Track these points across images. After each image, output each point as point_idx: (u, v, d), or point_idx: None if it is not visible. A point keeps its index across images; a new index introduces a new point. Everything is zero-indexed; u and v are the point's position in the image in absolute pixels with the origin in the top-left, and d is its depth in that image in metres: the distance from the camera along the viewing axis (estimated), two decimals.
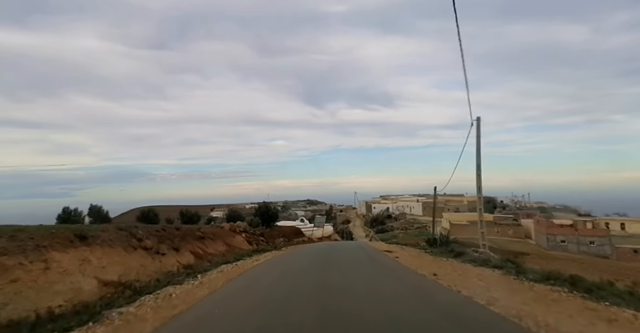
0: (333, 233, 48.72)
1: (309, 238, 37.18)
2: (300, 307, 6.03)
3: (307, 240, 34.91)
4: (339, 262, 13.65)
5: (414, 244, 26.68)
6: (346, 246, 24.70)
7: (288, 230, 33.02)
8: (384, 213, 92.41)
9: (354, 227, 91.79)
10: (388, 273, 10.83)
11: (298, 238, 32.96)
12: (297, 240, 31.75)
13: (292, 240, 29.78)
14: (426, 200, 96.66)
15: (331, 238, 44.87)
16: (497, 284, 7.92)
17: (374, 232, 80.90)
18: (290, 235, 31.33)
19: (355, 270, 11.31)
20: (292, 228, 35.35)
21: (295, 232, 34.78)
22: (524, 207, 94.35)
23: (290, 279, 9.51)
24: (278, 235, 27.95)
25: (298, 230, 36.21)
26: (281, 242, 24.40)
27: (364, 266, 12.58)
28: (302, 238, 34.98)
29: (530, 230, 53.90)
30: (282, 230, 30.81)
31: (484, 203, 73.15)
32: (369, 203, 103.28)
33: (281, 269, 11.68)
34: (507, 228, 55.85)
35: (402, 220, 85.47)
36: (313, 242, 30.86)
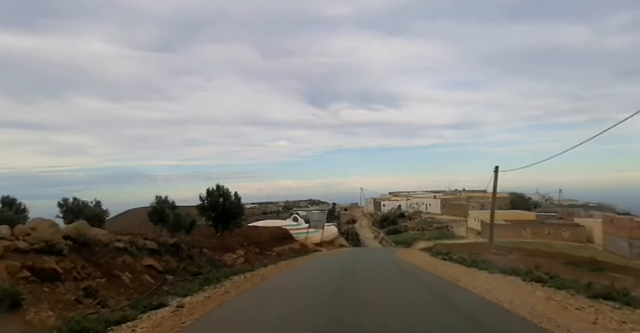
0: (337, 236, 36.88)
1: (302, 246, 25.44)
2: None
3: (299, 249, 23.24)
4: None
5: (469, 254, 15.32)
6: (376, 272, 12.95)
7: (266, 235, 21.22)
8: (395, 212, 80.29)
9: (361, 228, 79.98)
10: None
11: (282, 247, 21.24)
12: (280, 251, 20.07)
13: (267, 251, 18.06)
14: (444, 197, 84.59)
15: (335, 244, 32.90)
16: None
17: (384, 233, 68.90)
18: (266, 244, 19.55)
19: None
20: (274, 231, 23.54)
21: (279, 236, 22.99)
22: (556, 204, 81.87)
23: None
24: (242, 244, 16.19)
25: (284, 234, 24.44)
26: (236, 260, 12.71)
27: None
28: (290, 245, 23.22)
29: (591, 231, 41.96)
30: (252, 235, 19.02)
31: (515, 199, 60.28)
32: (377, 201, 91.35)
33: None
34: (561, 229, 43.79)
35: (418, 219, 73.31)
36: (306, 254, 19.06)
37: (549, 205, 78.51)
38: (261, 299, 6.21)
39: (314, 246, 27.47)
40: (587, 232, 42.49)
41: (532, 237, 43.89)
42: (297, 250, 22.35)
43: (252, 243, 17.84)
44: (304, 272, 10.69)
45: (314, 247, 27.22)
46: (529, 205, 71.01)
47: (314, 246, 27.47)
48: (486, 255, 18.04)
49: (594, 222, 43.03)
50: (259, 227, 24.26)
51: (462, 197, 77.04)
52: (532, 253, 18.93)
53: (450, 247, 22.76)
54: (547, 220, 48.87)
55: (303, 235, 29.69)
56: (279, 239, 22.78)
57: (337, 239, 35.33)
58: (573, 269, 13.92)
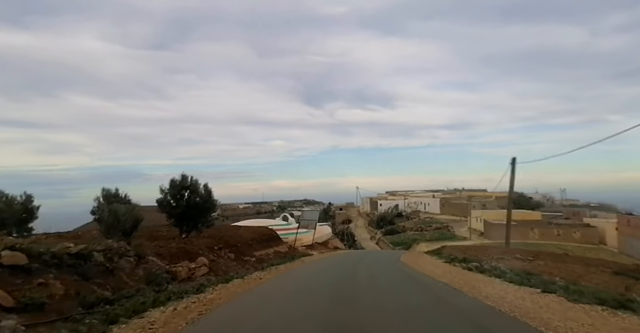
0: (331, 237, 33.76)
1: (291, 249, 22.32)
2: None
3: (286, 253, 20.15)
4: None
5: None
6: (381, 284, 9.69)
7: (247, 236, 18.07)
8: (392, 212, 77.28)
9: (357, 228, 77.05)
10: None
11: (265, 251, 18.14)
12: (263, 255, 16.97)
13: (246, 256, 14.95)
14: (443, 196, 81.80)
15: (329, 246, 29.77)
16: None
17: (381, 233, 66.02)
18: (246, 247, 16.40)
19: None
20: (258, 231, 20.40)
21: (263, 238, 19.85)
22: (560, 204, 79.32)
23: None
24: (211, 248, 13.04)
25: (270, 235, 21.28)
26: (195, 271, 9.51)
27: None
28: (276, 248, 20.12)
29: (604, 232, 39.20)
30: (228, 237, 15.85)
31: (517, 198, 57.29)
32: (374, 200, 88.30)
33: None
34: (571, 230, 40.97)
35: (416, 219, 70.42)
36: (292, 260, 15.92)
37: (551, 205, 75.89)
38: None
39: (305, 249, 24.35)
40: (600, 233, 39.76)
41: (541, 238, 41.11)
42: (283, 254, 19.22)
43: (227, 246, 14.65)
44: (280, 290, 7.57)
45: (305, 249, 24.09)
46: (533, 204, 68.24)
47: (305, 249, 24.35)
48: (510, 261, 15.01)
49: (606, 223, 40.29)
50: (240, 227, 21.08)
51: (462, 196, 74.20)
52: (561, 259, 15.97)
53: (461, 250, 19.78)
54: (553, 221, 46.13)
55: (290, 235, 26.59)
56: (263, 241, 19.61)
57: (331, 240, 32.21)
58: (634, 282, 10.91)
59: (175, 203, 13.53)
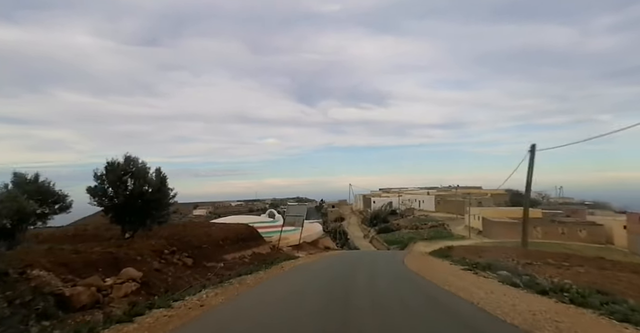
0: (322, 235, 30.70)
1: (274, 250, 19.26)
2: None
3: (267, 255, 17.12)
4: None
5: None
6: None
7: (218, 235, 14.90)
8: (386, 209, 74.59)
9: (349, 226, 74.16)
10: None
11: (241, 253, 15.05)
12: (236, 259, 13.94)
13: (212, 260, 11.84)
14: (438, 193, 79.34)
15: (319, 246, 26.73)
16: None
17: (374, 231, 63.31)
18: (214, 249, 13.23)
19: None
20: (234, 230, 17.23)
21: (240, 237, 16.70)
22: (556, 203, 77.42)
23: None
24: (159, 252, 9.82)
25: (249, 234, 18.17)
26: (111, 291, 6.13)
27: None
28: (255, 249, 17.07)
29: (610, 231, 36.86)
30: (191, 237, 12.67)
31: (513, 196, 55.20)
32: (367, 197, 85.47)
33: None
34: (576, 228, 38.53)
35: (411, 217, 67.79)
36: (271, 266, 12.80)
37: (548, 203, 73.87)
38: None
39: (291, 249, 21.25)
40: (607, 232, 37.39)
41: (544, 237, 38.66)
42: (263, 257, 16.11)
43: (186, 249, 11.47)
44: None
45: (291, 250, 21.00)
46: (535, 201, 66.04)
47: (291, 249, 21.25)
48: (542, 267, 12.09)
49: (613, 221, 37.96)
50: (213, 225, 17.88)
51: (457, 193, 71.75)
52: (599, 264, 13.14)
53: (472, 251, 16.90)
54: (556, 218, 43.79)
55: (274, 234, 23.52)
56: (239, 241, 16.46)
57: (322, 239, 29.15)
58: None
59: (114, 192, 10.29)
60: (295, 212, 20.32)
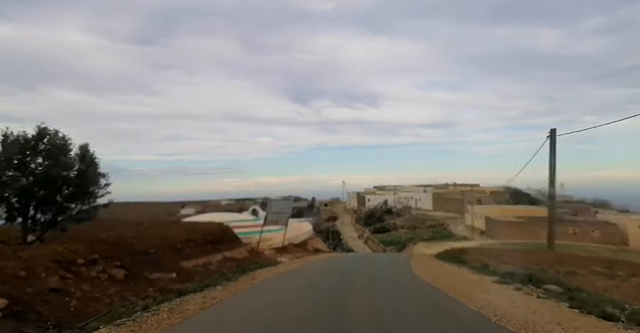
0: (312, 236, 27.57)
1: (253, 252, 16.13)
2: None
3: (242, 260, 14.02)
4: None
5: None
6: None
7: (177, 237, 11.64)
8: (381, 208, 71.73)
9: (343, 226, 71.11)
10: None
11: (206, 259, 11.85)
12: (199, 267, 10.75)
13: (161, 270, 8.52)
14: (435, 191, 76.61)
15: (308, 248, 23.61)
16: None
17: (369, 231, 60.33)
18: (169, 254, 9.95)
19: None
20: (201, 230, 13.97)
21: (209, 238, 13.45)
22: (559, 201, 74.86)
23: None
24: (68, 263, 6.51)
25: (221, 234, 14.96)
26: None
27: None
28: (228, 253, 13.93)
29: (625, 230, 34.31)
30: (133, 238, 9.45)
31: (514, 194, 52.21)
32: (361, 195, 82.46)
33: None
34: (589, 228, 35.84)
35: (407, 216, 65.03)
36: (242, 276, 9.47)
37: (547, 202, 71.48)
38: None
39: (274, 252, 18.12)
40: (621, 232, 34.80)
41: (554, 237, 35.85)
42: (237, 263, 13.00)
43: (122, 256, 8.34)
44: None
45: (274, 253, 17.86)
46: (533, 200, 63.55)
47: (274, 252, 18.12)
48: (589, 277, 9.13)
49: (627, 219, 35.39)
50: (178, 224, 14.67)
51: (454, 191, 69.12)
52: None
53: (492, 255, 13.91)
54: (565, 217, 41.19)
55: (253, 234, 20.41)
56: (207, 243, 13.30)
57: (312, 240, 26.02)
58: None
59: (11, 177, 7.07)
60: (278, 208, 17.16)
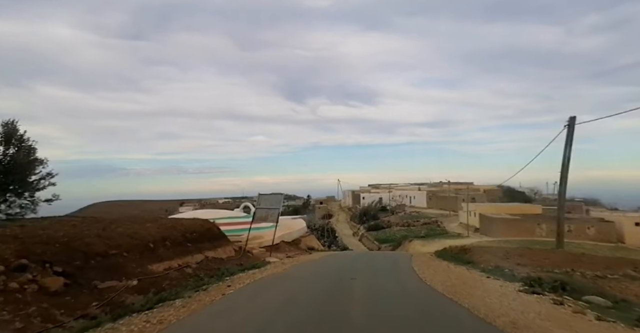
0: (306, 233, 26.59)
1: (241, 250, 15.11)
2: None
3: (226, 260, 13.05)
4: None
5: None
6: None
7: (149, 234, 10.52)
8: (376, 205, 71.08)
9: (338, 223, 70.40)
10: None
11: (184, 259, 10.78)
12: (170, 270, 9.66)
13: (116, 276, 7.34)
14: (429, 189, 76.04)
15: (301, 246, 22.64)
16: None
17: (364, 229, 59.71)
18: (136, 255, 8.83)
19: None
20: (181, 227, 12.89)
21: (185, 238, 12.37)
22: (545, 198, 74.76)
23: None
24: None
25: (205, 232, 13.92)
26: None
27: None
28: (211, 253, 12.93)
29: (621, 228, 33.83)
30: (83, 238, 8.27)
31: (507, 191, 51.70)
32: (356, 193, 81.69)
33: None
34: (584, 225, 35.28)
35: (402, 214, 64.47)
36: (201, 290, 8.31)
37: (543, 200, 71.23)
38: None
39: (264, 251, 17.09)
40: (617, 229, 34.31)
41: (549, 235, 35.31)
42: (220, 264, 11.98)
43: (68, 259, 7.25)
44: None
45: (263, 252, 16.84)
46: (527, 198, 63.21)
47: (264, 251, 17.09)
48: (624, 282, 8.22)
49: (623, 217, 34.91)
50: (156, 220, 13.55)
51: (449, 189, 68.55)
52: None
53: (499, 255, 13.05)
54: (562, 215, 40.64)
55: (256, 231, 19.39)
56: (187, 242, 12.24)
57: (306, 238, 25.03)
58: None
59: None
60: (268, 203, 16.08)
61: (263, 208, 16.01)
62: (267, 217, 15.88)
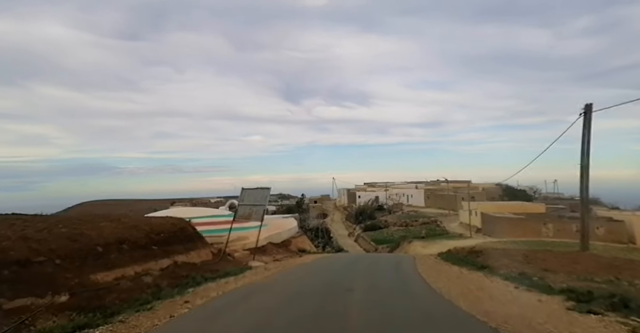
0: (297, 234, 24.60)
1: (220, 253, 13.12)
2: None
3: (202, 266, 10.98)
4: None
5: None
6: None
7: (103, 236, 8.36)
8: (372, 204, 69.21)
9: (332, 223, 68.48)
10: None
11: (145, 267, 8.67)
12: (123, 279, 7.58)
13: (34, 292, 5.16)
14: (427, 187, 74.36)
15: (291, 248, 20.75)
16: None
17: (360, 229, 57.85)
18: (89, 262, 6.67)
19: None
20: (143, 226, 10.77)
21: (150, 240, 10.24)
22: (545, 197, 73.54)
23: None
24: None
25: (176, 232, 11.83)
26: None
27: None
28: (180, 257, 10.78)
29: (631, 228, 32.28)
30: (16, 240, 6.22)
31: (506, 190, 49.40)
32: (352, 192, 79.80)
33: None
34: (593, 225, 33.52)
35: (399, 213, 62.73)
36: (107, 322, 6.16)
37: (544, 198, 69.86)
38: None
39: (248, 254, 15.11)
40: (628, 229, 32.70)
41: (556, 235, 33.66)
42: (191, 270, 10.01)
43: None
44: None
45: (247, 255, 14.87)
46: (528, 197, 61.73)
47: (248, 254, 15.11)
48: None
49: (633, 216, 33.30)
50: (120, 219, 11.53)
51: (447, 187, 66.87)
52: None
53: (513, 257, 11.21)
54: (566, 214, 39.16)
55: (240, 231, 17.46)
56: (153, 245, 10.27)
57: (297, 239, 23.06)
58: None
59: None
60: (252, 199, 14.09)
61: (246, 205, 14.01)
62: (251, 214, 13.90)
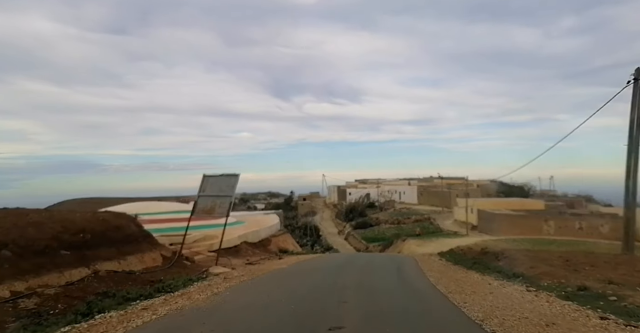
0: (279, 231, 21.93)
1: (175, 257, 10.24)
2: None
3: (149, 273, 8.09)
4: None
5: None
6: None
7: None
8: (363, 201, 66.86)
9: (322, 221, 65.99)
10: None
11: (41, 280, 5.63)
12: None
13: None
14: (420, 184, 72.25)
15: (270, 248, 18.09)
16: None
17: (350, 227, 55.39)
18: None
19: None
20: (48, 225, 7.75)
21: (65, 242, 7.22)
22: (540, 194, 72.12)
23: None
24: None
25: (110, 232, 8.87)
26: None
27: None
28: (108, 264, 7.81)
29: (638, 225, 30.43)
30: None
31: (501, 187, 46.97)
32: (342, 189, 77.30)
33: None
34: (597, 222, 31.64)
35: (391, 210, 60.41)
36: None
37: (541, 195, 68.35)
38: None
39: (213, 256, 12.39)
40: None
41: (557, 232, 31.67)
42: (116, 283, 7.29)
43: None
44: None
45: (213, 259, 12.15)
46: (525, 193, 60.04)
47: (213, 256, 12.39)
48: None
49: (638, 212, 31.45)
50: (25, 216, 8.73)
51: (441, 184, 64.89)
52: None
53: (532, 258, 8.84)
54: (567, 211, 37.35)
55: (207, 229, 14.77)
56: (69, 248, 7.51)
57: (278, 238, 20.37)
58: None
59: None
60: (216, 189, 11.32)
61: (208, 196, 11.26)
62: (214, 208, 11.12)
